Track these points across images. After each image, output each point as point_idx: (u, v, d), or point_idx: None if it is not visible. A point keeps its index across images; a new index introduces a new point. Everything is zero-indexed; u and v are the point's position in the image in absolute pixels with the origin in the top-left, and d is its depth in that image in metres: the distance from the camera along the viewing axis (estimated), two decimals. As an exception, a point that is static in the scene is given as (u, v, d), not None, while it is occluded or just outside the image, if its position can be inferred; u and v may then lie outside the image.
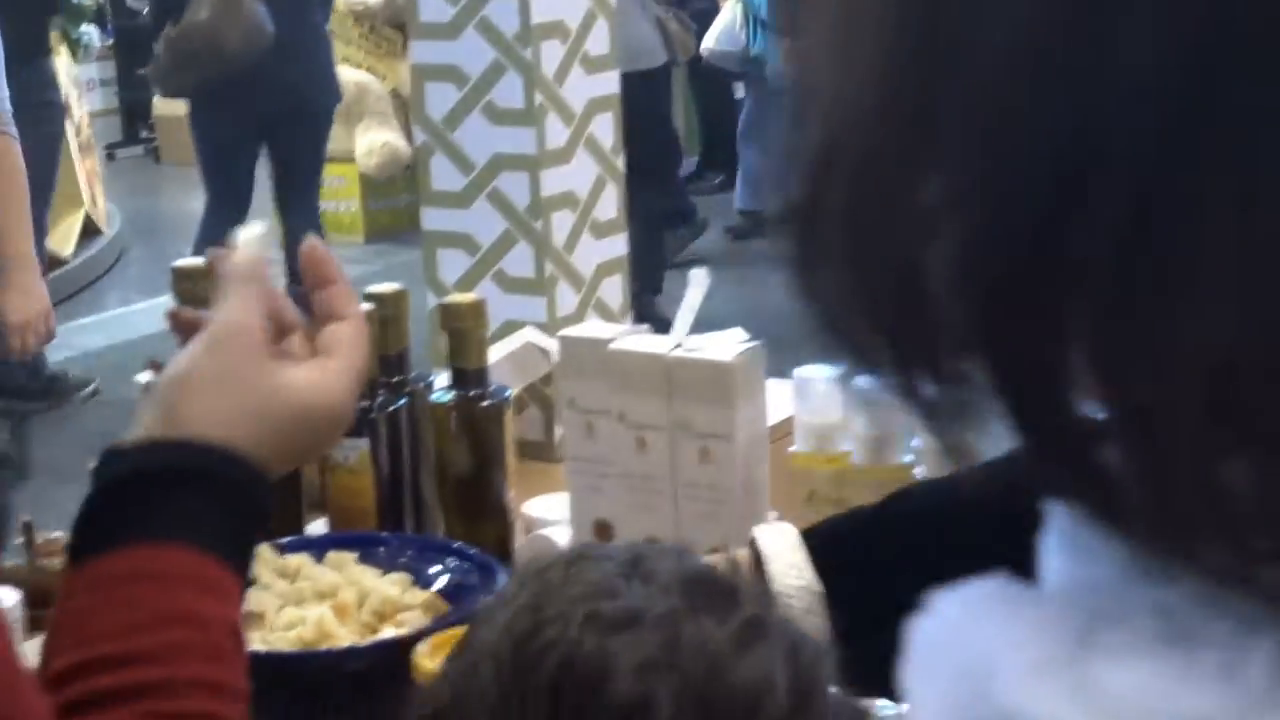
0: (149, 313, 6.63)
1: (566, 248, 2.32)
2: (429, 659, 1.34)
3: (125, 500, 0.84)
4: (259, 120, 5.50)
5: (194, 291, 1.56)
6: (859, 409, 1.38)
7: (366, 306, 1.63)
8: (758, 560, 1.11)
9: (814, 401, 1.41)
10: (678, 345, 1.45)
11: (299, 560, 1.55)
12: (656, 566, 0.82)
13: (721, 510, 1.44)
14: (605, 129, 2.36)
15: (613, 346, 1.47)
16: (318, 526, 1.73)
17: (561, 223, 2.31)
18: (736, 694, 0.75)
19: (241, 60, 5.26)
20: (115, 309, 6.25)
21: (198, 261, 1.62)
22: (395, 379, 1.68)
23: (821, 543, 1.12)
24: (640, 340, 1.47)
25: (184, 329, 0.96)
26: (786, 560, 1.10)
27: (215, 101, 5.53)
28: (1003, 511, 1.08)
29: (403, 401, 1.66)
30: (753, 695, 0.75)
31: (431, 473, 1.69)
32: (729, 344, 1.44)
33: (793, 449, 1.42)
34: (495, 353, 2.14)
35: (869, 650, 1.07)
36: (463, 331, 1.64)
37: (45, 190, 5.31)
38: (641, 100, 4.26)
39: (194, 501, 0.84)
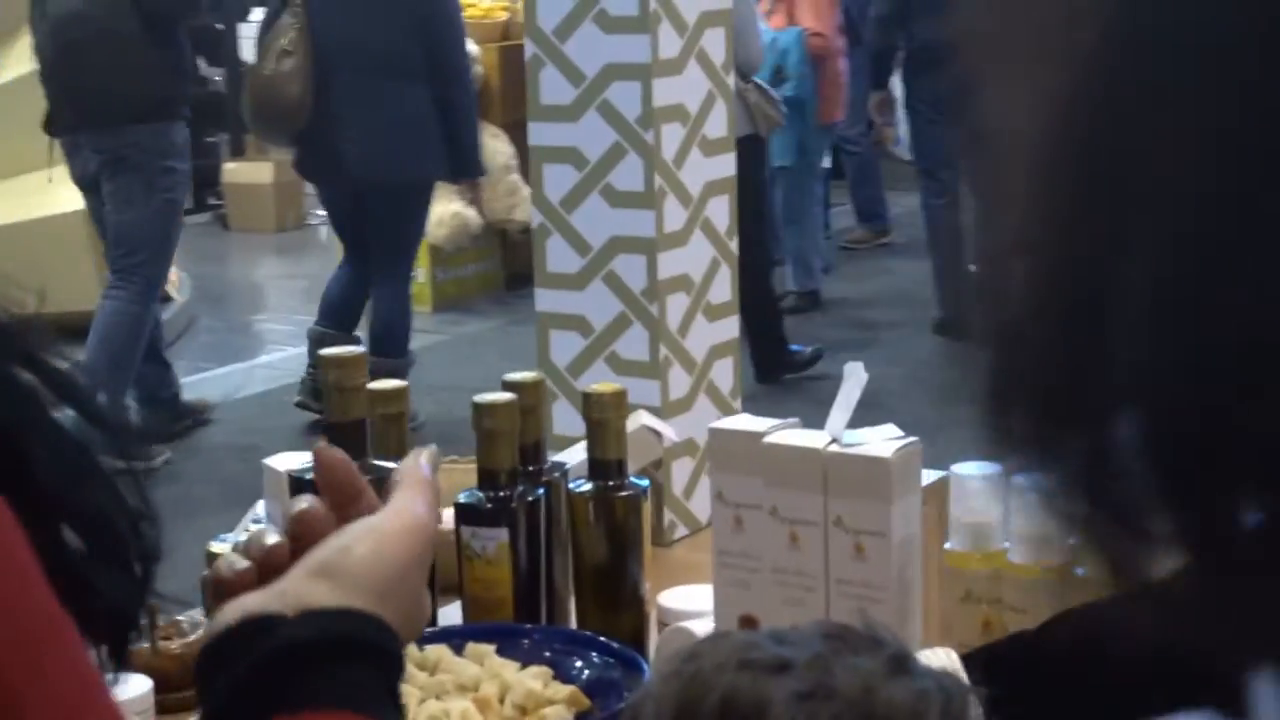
0: (218, 381, 6.66)
1: (680, 330, 2.30)
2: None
3: (293, 669, 0.78)
4: (344, 185, 5.53)
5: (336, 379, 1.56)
6: (1017, 507, 1.36)
7: (507, 396, 1.63)
8: None
9: (970, 500, 1.39)
10: (833, 440, 1.43)
11: (439, 652, 1.54)
12: (794, 632, 0.85)
13: (874, 608, 1.41)
14: (720, 211, 2.35)
15: (767, 440, 1.45)
16: (449, 612, 1.71)
17: (676, 305, 2.29)
18: (894, 712, 0.76)
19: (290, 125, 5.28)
20: (186, 376, 6.27)
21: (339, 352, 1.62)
22: (531, 468, 1.67)
23: (982, 667, 1.11)
24: (794, 434, 1.46)
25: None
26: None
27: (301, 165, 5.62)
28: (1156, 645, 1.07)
29: (541, 491, 1.65)
30: (909, 713, 0.76)
31: (566, 563, 1.68)
32: (885, 439, 1.42)
33: (948, 546, 1.40)
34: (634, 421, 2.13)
35: None
36: (604, 422, 1.63)
37: (161, 257, 5.33)
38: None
39: (360, 671, 0.81)
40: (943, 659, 1.11)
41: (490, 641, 1.55)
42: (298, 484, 1.61)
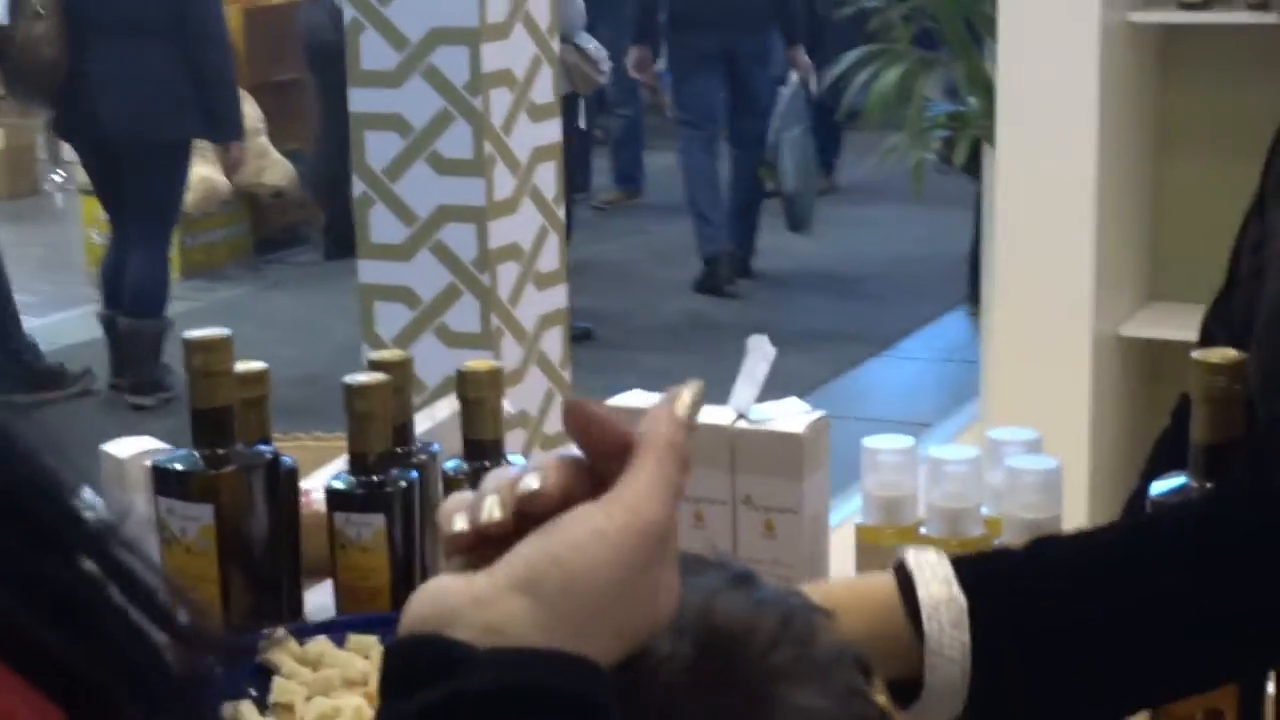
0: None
1: (511, 301, 2.25)
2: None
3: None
4: (100, 146, 5.42)
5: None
6: (935, 481, 1.34)
7: (379, 377, 1.56)
8: (902, 579, 1.07)
9: (882, 474, 1.36)
10: (740, 416, 1.39)
11: (320, 646, 1.47)
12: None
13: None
14: (548, 178, 2.30)
15: (670, 418, 1.40)
16: (318, 598, 1.64)
17: (506, 275, 2.24)
18: (732, 620, 0.75)
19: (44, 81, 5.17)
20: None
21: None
22: (401, 450, 1.60)
23: (969, 565, 1.09)
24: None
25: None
26: (935, 572, 1.06)
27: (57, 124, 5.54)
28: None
29: (414, 475, 1.58)
30: (747, 621, 0.76)
31: (439, 548, 1.62)
32: (793, 414, 1.39)
33: (860, 521, 1.37)
34: (441, 411, 2.06)
35: (1012, 684, 1.05)
36: (479, 401, 1.57)
37: None
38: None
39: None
40: (931, 552, 1.08)
41: (372, 632, 1.48)
42: (163, 475, 1.52)
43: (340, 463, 2.06)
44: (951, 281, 6.66)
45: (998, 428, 1.41)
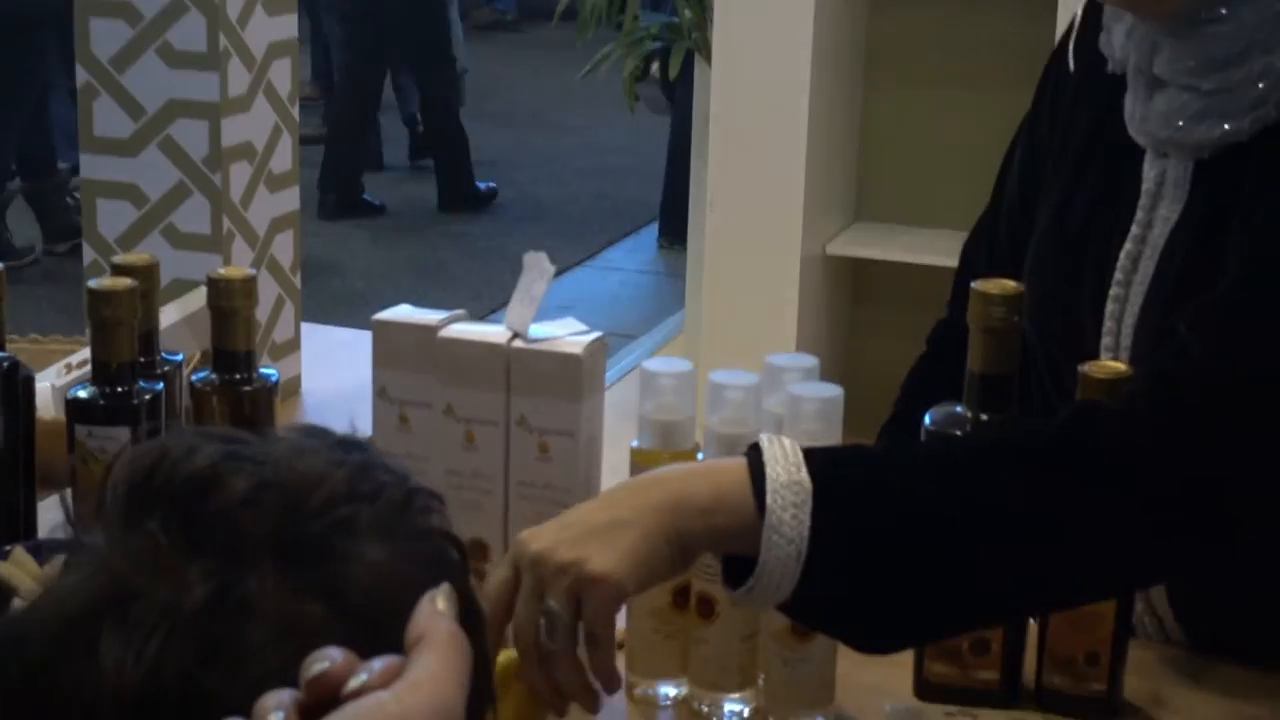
0: None
1: (243, 202, 2.16)
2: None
3: None
4: None
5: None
6: (713, 406, 1.32)
7: (125, 281, 1.47)
8: (753, 461, 1.14)
9: (659, 397, 1.34)
10: (515, 336, 1.35)
11: (57, 566, 1.38)
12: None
13: (559, 511, 1.35)
14: (283, 75, 2.21)
15: (444, 334, 1.36)
16: (51, 511, 1.56)
17: (238, 175, 2.15)
18: (307, 472, 0.75)
19: None
20: None
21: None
22: (145, 359, 1.53)
23: (822, 455, 1.16)
24: (471, 329, 1.37)
25: None
26: (786, 456, 1.14)
27: None
28: None
29: (159, 386, 1.50)
30: (319, 473, 0.76)
31: (184, 461, 1.55)
32: (570, 334, 1.36)
33: (635, 444, 1.35)
34: (170, 313, 1.98)
35: (840, 576, 1.07)
36: (231, 310, 1.49)
37: None
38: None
39: None
40: (786, 443, 1.15)
41: (116, 552, 1.41)
42: None
43: (59, 367, 1.96)
44: (653, 193, 6.68)
45: (775, 354, 1.39)
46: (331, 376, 2.25)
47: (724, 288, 4.09)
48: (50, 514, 1.57)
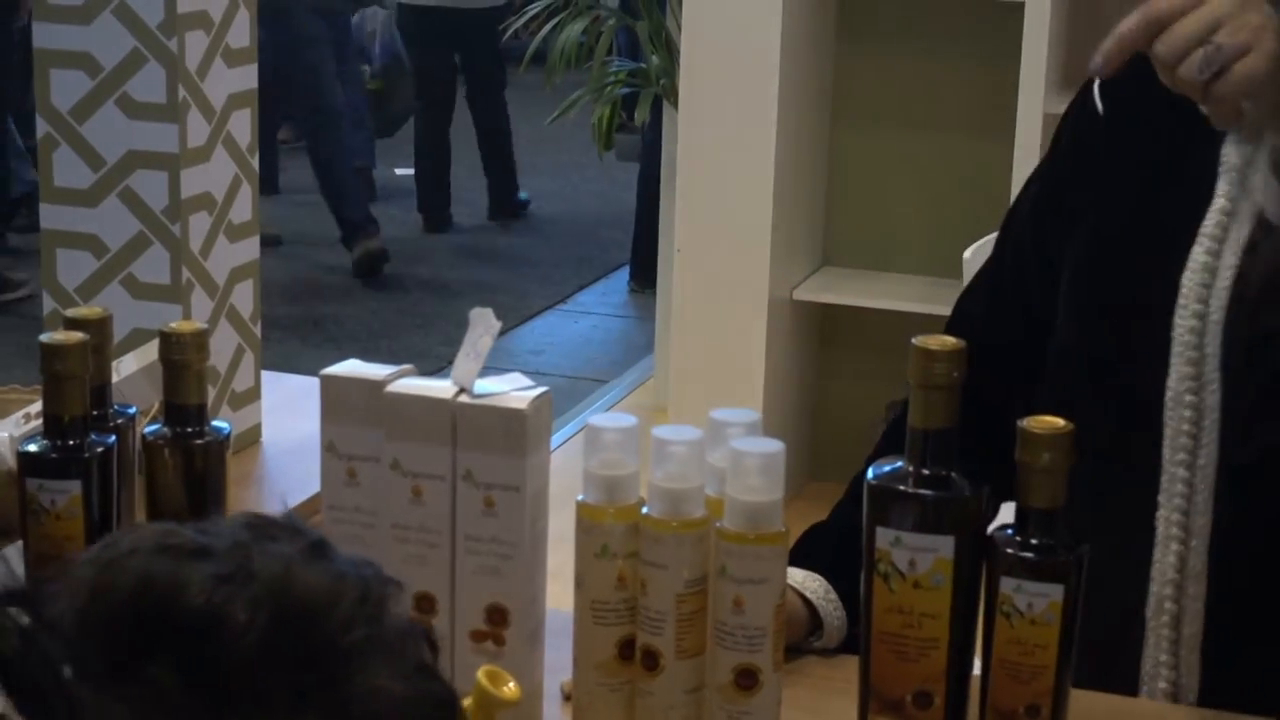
0: None
1: (202, 252, 2.17)
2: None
3: None
4: None
5: None
6: (658, 461, 1.34)
7: (78, 336, 1.48)
8: None
9: (605, 453, 1.35)
10: (461, 390, 1.36)
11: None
12: (215, 523, 0.81)
13: (505, 565, 1.36)
14: (242, 126, 2.22)
15: (390, 390, 1.37)
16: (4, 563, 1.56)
17: (198, 225, 2.16)
18: (310, 594, 0.75)
19: None
20: None
21: None
22: (98, 412, 1.53)
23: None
24: (417, 384, 1.38)
25: None
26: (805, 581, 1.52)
27: None
28: None
29: (112, 439, 1.51)
30: (325, 595, 0.75)
31: (133, 517, 1.56)
32: (516, 389, 1.37)
33: (581, 499, 1.36)
34: (129, 363, 1.99)
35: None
36: (183, 365, 1.50)
37: None
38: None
39: None
40: (798, 576, 1.51)
41: (66, 605, 1.41)
42: None
43: (18, 417, 1.97)
44: (625, 237, 6.70)
45: (718, 409, 1.41)
46: (292, 425, 2.26)
47: (692, 332, 4.11)
48: (2, 565, 1.57)
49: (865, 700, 1.38)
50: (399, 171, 8.04)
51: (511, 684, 1.14)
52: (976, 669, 1.38)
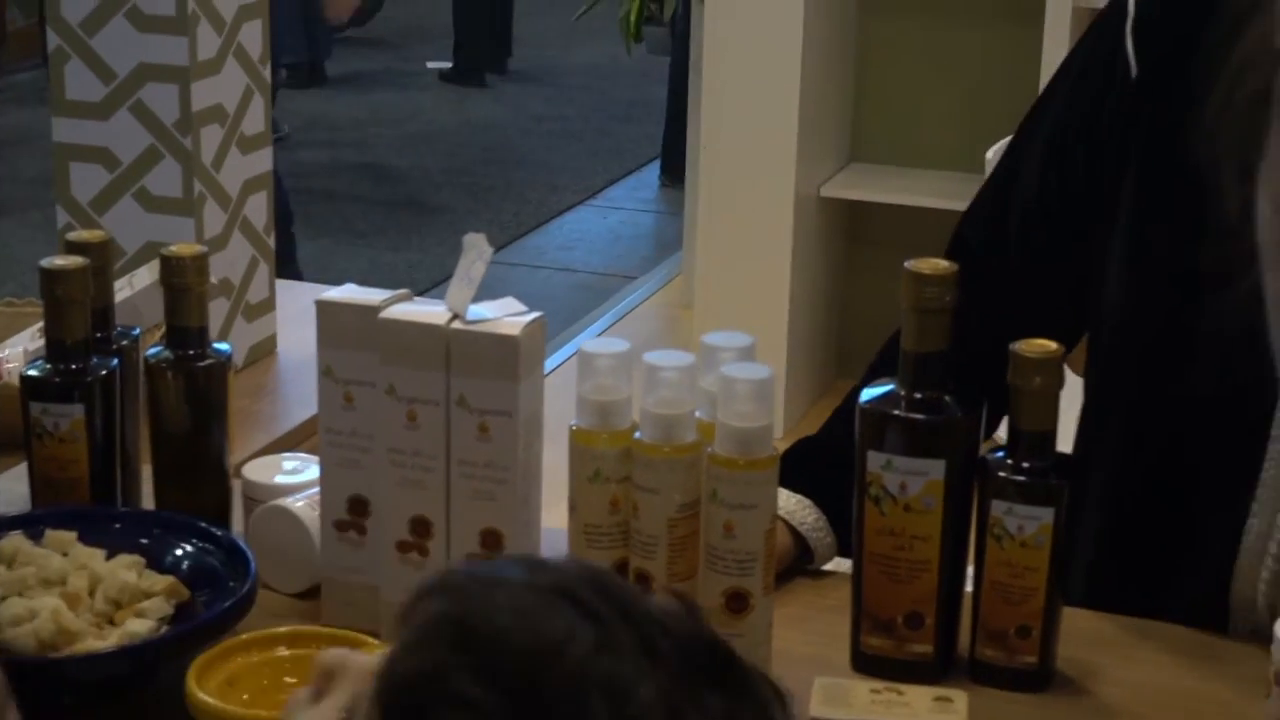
0: None
1: (214, 165, 2.18)
2: (200, 686, 1.25)
3: None
4: None
5: None
6: (649, 387, 1.34)
7: (78, 260, 1.49)
8: None
9: (598, 378, 1.35)
10: (455, 316, 1.37)
11: (15, 542, 1.41)
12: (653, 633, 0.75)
13: (499, 489, 1.37)
14: (253, 37, 2.22)
15: (384, 315, 1.38)
16: (11, 483, 1.58)
17: (210, 138, 2.16)
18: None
19: None
20: None
21: None
22: (101, 335, 1.55)
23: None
24: (412, 309, 1.39)
25: None
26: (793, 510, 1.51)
27: None
28: None
29: (115, 362, 1.52)
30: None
31: (139, 438, 1.57)
32: (509, 315, 1.37)
33: (574, 424, 1.37)
34: (143, 276, 2.00)
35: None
36: (184, 288, 1.51)
37: None
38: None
39: None
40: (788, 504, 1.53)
41: (71, 527, 1.43)
42: None
43: (33, 331, 1.98)
44: (654, 133, 6.67)
45: (711, 333, 1.41)
46: (307, 334, 2.27)
47: (719, 230, 4.10)
48: (10, 484, 1.59)
49: (857, 621, 1.40)
50: (431, 65, 8.04)
51: None
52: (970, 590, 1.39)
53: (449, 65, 8.00)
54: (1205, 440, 1.44)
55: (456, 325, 1.36)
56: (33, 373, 1.50)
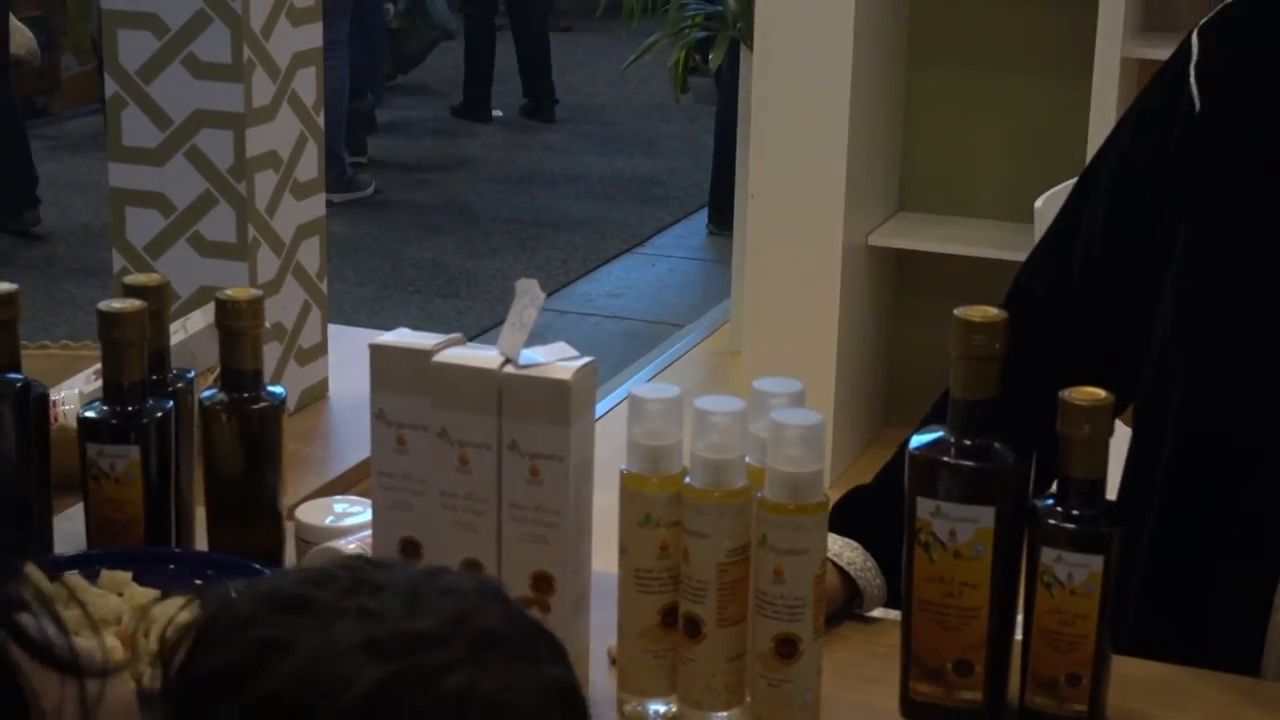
0: None
1: (268, 210, 2.20)
2: None
3: None
4: None
5: None
6: (700, 432, 1.35)
7: (135, 303, 1.51)
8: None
9: (648, 422, 1.36)
10: (507, 361, 1.38)
11: (73, 581, 1.43)
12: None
13: (550, 533, 1.38)
14: (308, 84, 2.25)
15: (437, 359, 1.39)
16: (67, 523, 1.60)
17: (264, 183, 2.19)
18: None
19: None
20: None
21: None
22: (157, 377, 1.56)
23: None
24: (464, 353, 1.40)
25: None
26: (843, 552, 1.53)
27: None
28: None
29: (170, 404, 1.54)
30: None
31: (193, 480, 1.59)
32: (561, 359, 1.38)
33: (624, 468, 1.37)
34: (197, 320, 2.02)
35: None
36: (239, 331, 1.53)
37: None
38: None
39: None
40: (835, 548, 1.54)
41: (126, 567, 1.45)
42: None
43: (89, 374, 2.01)
44: (701, 181, 6.69)
45: (761, 379, 1.42)
46: (359, 378, 2.29)
47: (767, 278, 4.10)
48: (67, 524, 1.61)
49: (907, 667, 1.40)
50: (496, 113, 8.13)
51: None
52: (1019, 637, 1.39)
53: (500, 113, 8.08)
54: (1247, 482, 1.45)
55: (509, 370, 1.37)
56: (89, 414, 1.52)
